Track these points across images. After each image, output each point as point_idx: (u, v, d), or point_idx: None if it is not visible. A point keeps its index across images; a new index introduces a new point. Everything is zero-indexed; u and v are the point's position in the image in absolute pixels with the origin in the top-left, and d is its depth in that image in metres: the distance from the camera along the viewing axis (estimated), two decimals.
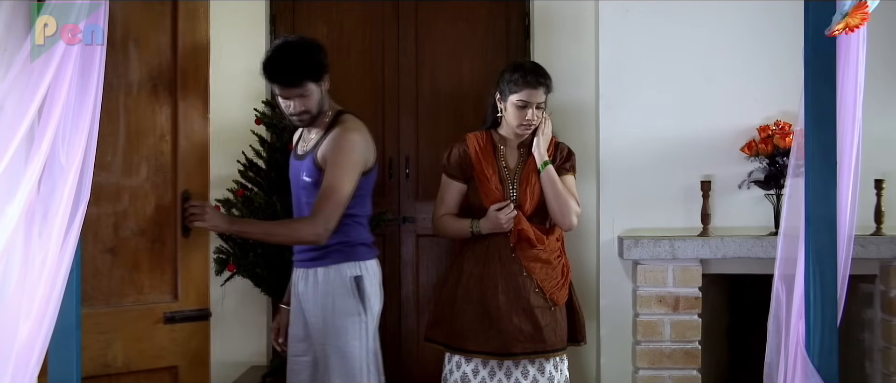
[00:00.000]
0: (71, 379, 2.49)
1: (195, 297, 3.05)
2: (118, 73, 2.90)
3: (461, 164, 3.48)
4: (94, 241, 2.87)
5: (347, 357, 3.11)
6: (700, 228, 4.04)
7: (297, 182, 3.23)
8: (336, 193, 3.04)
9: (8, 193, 2.29)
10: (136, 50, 2.94)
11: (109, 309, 2.89)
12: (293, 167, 3.29)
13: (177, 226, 2.99)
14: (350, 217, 3.15)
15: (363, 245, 3.21)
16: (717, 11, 4.13)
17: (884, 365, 3.87)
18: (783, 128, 3.95)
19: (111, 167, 2.89)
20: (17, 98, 2.28)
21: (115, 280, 2.91)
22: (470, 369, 3.43)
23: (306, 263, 3.20)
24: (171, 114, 3.00)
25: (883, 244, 3.82)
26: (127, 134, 2.92)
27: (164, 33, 3.00)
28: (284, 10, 4.49)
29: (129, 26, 2.92)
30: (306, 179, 3.16)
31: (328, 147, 3.11)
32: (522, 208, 3.41)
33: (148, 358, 2.95)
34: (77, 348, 2.52)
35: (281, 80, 3.10)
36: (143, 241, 2.96)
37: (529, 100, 3.37)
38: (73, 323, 2.49)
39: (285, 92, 3.11)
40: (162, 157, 2.98)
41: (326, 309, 3.13)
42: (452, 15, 4.46)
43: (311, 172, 3.14)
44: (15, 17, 2.41)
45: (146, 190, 2.95)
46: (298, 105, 3.12)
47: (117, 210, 2.91)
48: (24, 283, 2.32)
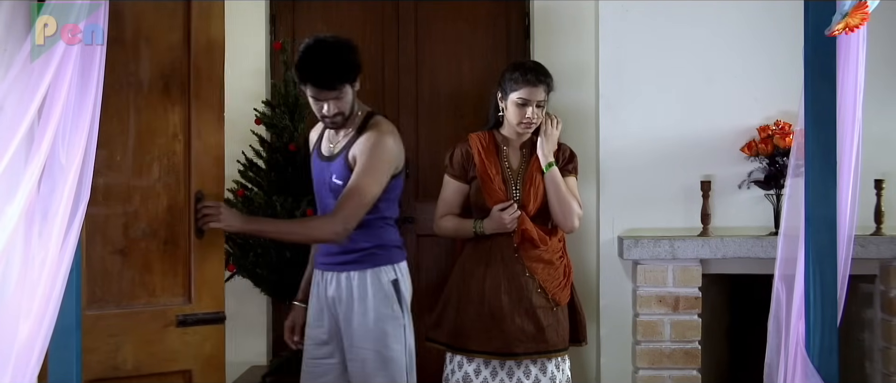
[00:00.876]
0: (71, 380, 2.49)
1: (209, 300, 2.97)
2: (128, 71, 2.84)
3: (463, 165, 3.48)
4: (104, 242, 2.82)
5: (391, 361, 3.06)
6: (700, 228, 4.04)
7: (324, 183, 3.15)
8: (361, 195, 2.98)
9: (8, 193, 2.28)
10: (146, 47, 2.88)
11: (119, 312, 2.84)
12: (318, 168, 3.21)
13: (190, 227, 2.92)
14: (383, 220, 3.11)
15: (397, 247, 3.17)
16: (717, 11, 4.13)
17: (884, 365, 3.87)
18: (783, 128, 3.95)
19: (120, 167, 2.84)
20: (17, 98, 2.28)
21: (125, 281, 2.86)
22: (472, 369, 3.43)
23: (338, 266, 3.12)
24: (184, 113, 2.93)
25: (883, 244, 3.82)
26: (137, 133, 2.87)
27: (176, 30, 2.92)
28: (284, 9, 4.49)
29: (140, 23, 2.86)
30: (336, 181, 3.08)
31: (360, 148, 3.04)
32: (526, 208, 3.42)
33: (159, 362, 2.89)
34: (77, 348, 2.52)
35: (318, 82, 3.00)
36: (154, 243, 2.90)
37: (529, 98, 3.37)
38: (73, 323, 2.48)
39: (321, 94, 3.01)
40: (174, 157, 2.92)
41: (365, 313, 3.07)
42: (452, 15, 4.46)
43: (342, 174, 3.07)
44: (15, 17, 2.41)
45: (158, 190, 2.90)
46: (333, 107, 3.03)
47: (127, 210, 2.86)
48: (24, 283, 2.32)
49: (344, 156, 3.09)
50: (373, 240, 3.08)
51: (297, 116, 4.07)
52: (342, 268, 3.11)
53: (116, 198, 2.84)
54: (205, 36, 2.95)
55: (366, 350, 3.07)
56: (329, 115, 3.05)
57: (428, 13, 4.47)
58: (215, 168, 2.99)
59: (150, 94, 2.88)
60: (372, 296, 3.07)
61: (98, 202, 2.77)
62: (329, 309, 3.15)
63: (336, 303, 3.12)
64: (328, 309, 3.15)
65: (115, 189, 2.83)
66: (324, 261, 3.18)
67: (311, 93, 3.03)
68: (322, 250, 3.18)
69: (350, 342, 3.10)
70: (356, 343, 3.09)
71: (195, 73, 2.94)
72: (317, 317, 3.19)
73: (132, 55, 2.86)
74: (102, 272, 2.82)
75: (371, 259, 3.09)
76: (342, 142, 3.12)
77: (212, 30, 2.98)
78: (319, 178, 3.19)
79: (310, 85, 3.01)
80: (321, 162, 3.19)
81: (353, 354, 3.10)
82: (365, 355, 3.07)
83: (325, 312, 3.16)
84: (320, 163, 3.19)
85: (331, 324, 3.15)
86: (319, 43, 3.01)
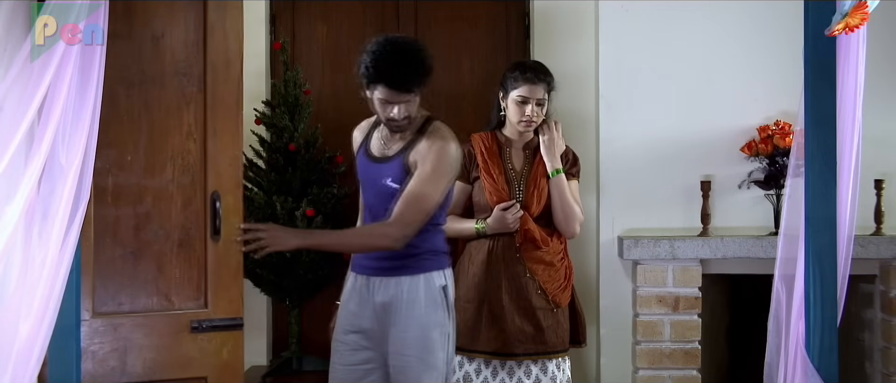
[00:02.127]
0: (70, 380, 2.49)
1: (226, 305, 2.85)
2: (140, 68, 2.76)
3: (465, 165, 3.48)
4: (113, 244, 2.75)
5: (433, 369, 2.95)
6: (700, 228, 4.04)
7: (378, 186, 3.00)
8: (423, 202, 2.89)
9: (8, 193, 2.29)
10: (159, 42, 2.78)
11: (129, 316, 2.76)
12: (369, 169, 3.04)
13: (206, 229, 2.81)
14: (435, 225, 3.02)
15: (445, 253, 3.07)
16: (717, 11, 4.13)
17: (884, 365, 3.87)
18: (783, 129, 3.95)
19: (131, 167, 2.76)
20: (17, 98, 2.28)
21: (136, 285, 2.77)
22: (472, 369, 3.43)
23: (390, 272, 2.98)
24: (199, 111, 2.82)
25: (883, 244, 3.82)
26: (149, 132, 2.78)
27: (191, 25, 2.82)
28: (284, 10, 4.49)
29: (152, 16, 2.78)
30: (392, 184, 2.95)
31: (422, 153, 2.93)
32: (528, 210, 3.42)
33: (171, 368, 2.79)
34: (77, 349, 2.51)
35: (395, 84, 2.84)
36: (167, 245, 2.80)
37: (529, 96, 3.38)
38: (72, 324, 2.48)
39: (396, 97, 2.86)
40: (189, 156, 2.82)
41: (415, 319, 2.95)
42: (452, 15, 4.46)
43: (399, 176, 2.94)
44: (15, 17, 2.41)
45: (171, 191, 2.80)
46: (403, 110, 2.88)
47: (139, 212, 2.77)
48: (24, 283, 2.32)
49: (401, 159, 2.96)
50: (425, 246, 2.98)
51: (297, 117, 4.08)
52: (394, 274, 2.98)
53: (127, 198, 2.77)
54: (222, 29, 2.84)
55: (410, 357, 2.94)
56: (398, 118, 2.89)
57: (428, 14, 4.47)
58: (232, 168, 2.87)
59: (162, 90, 2.79)
60: (423, 302, 2.96)
61: (107, 203, 2.74)
62: (376, 315, 2.99)
63: (385, 309, 2.98)
64: (374, 315, 2.99)
65: (126, 189, 2.76)
66: (372, 266, 3.02)
67: (383, 95, 2.86)
68: (369, 255, 3.02)
69: (396, 348, 2.97)
70: (402, 350, 2.95)
71: (211, 68, 2.83)
72: (354, 323, 3.03)
73: (144, 50, 2.77)
74: (112, 274, 2.75)
75: (424, 264, 2.99)
76: (398, 144, 2.99)
77: (229, 23, 2.86)
78: (370, 179, 3.05)
79: (383, 86, 2.84)
80: (372, 163, 3.04)
81: (397, 361, 2.97)
82: (409, 362, 2.95)
83: (371, 318, 3.00)
84: (371, 164, 3.04)
85: (375, 330, 3.00)
86: (396, 44, 2.87)
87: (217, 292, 2.85)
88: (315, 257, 3.97)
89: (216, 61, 2.84)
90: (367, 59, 2.86)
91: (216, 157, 2.84)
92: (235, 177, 2.88)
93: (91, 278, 2.70)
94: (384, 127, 3.00)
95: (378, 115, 2.97)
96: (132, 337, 2.76)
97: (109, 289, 2.75)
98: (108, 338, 2.71)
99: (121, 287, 2.77)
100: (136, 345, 2.76)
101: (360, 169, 3.09)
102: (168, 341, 2.80)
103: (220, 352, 2.85)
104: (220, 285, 2.85)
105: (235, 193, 2.87)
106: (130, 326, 2.76)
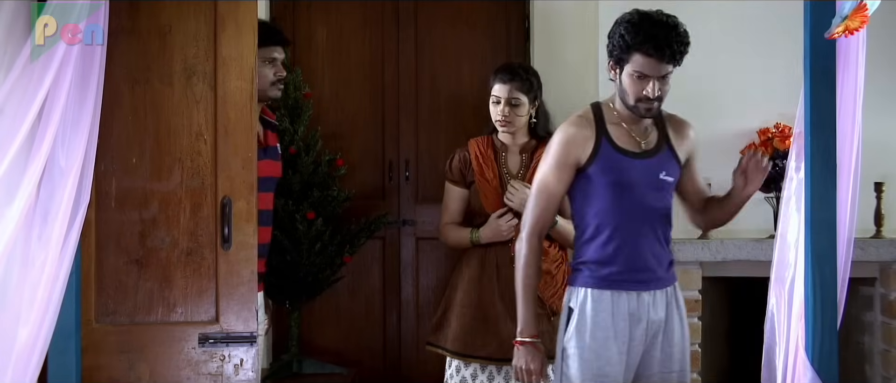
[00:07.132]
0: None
1: (237, 318, 2.71)
2: (146, 65, 2.67)
3: (462, 170, 3.48)
4: (117, 251, 2.66)
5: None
6: (699, 231, 4.03)
7: (653, 182, 2.76)
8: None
9: (8, 196, 2.28)
10: (167, 37, 2.68)
11: (133, 326, 2.67)
12: (635, 167, 2.74)
13: (217, 237, 2.68)
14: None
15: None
16: (717, 12, 4.12)
17: (884, 368, 3.87)
18: (783, 131, 3.95)
19: (137, 169, 2.66)
20: (18, 100, 2.28)
21: (141, 294, 2.68)
22: (469, 373, 3.43)
23: (665, 282, 2.79)
24: (210, 110, 2.70)
25: (882, 247, 3.81)
26: (156, 132, 2.68)
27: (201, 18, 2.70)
28: (284, 10, 4.48)
29: (158, 11, 2.68)
30: (667, 178, 2.78)
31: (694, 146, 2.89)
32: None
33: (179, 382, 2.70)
34: (77, 351, 2.50)
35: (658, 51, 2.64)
36: (175, 253, 2.69)
37: (499, 95, 3.38)
38: (72, 327, 2.47)
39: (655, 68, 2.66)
40: (198, 158, 2.69)
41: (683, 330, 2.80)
42: (452, 17, 4.45)
43: (673, 170, 2.80)
44: (15, 17, 2.41)
45: (179, 195, 2.69)
46: (657, 88, 2.69)
47: (144, 217, 2.67)
48: (24, 286, 2.31)
49: (669, 150, 2.80)
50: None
51: (298, 119, 4.07)
52: (669, 283, 2.79)
53: (132, 203, 2.68)
54: (234, 22, 2.71)
55: (673, 373, 2.75)
56: (654, 96, 2.68)
57: (428, 15, 4.47)
58: (245, 171, 2.71)
59: (170, 89, 2.69)
60: (685, 309, 2.82)
61: (111, 208, 2.66)
62: (647, 335, 2.73)
63: (660, 327, 2.74)
64: (646, 335, 2.73)
65: (131, 193, 2.67)
66: (647, 279, 2.74)
67: (640, 66, 2.65)
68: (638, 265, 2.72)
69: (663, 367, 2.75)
70: (671, 367, 2.76)
71: (223, 65, 2.70)
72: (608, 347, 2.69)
73: (150, 46, 2.68)
74: (115, 283, 2.67)
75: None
76: (653, 135, 2.80)
77: (241, 14, 2.72)
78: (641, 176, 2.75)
79: (642, 55, 2.64)
80: (635, 160, 2.75)
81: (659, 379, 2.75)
82: (672, 378, 2.75)
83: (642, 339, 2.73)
84: (635, 161, 2.75)
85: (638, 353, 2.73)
86: (653, 13, 2.68)
87: (228, 303, 2.72)
88: (315, 260, 3.97)
89: (228, 56, 2.70)
90: (624, 28, 2.67)
91: (228, 159, 2.71)
92: (248, 181, 2.72)
93: (93, 287, 2.64)
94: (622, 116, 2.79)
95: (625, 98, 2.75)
96: (136, 349, 2.68)
97: (112, 298, 2.68)
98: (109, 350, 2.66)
99: (124, 296, 2.69)
100: (140, 358, 2.68)
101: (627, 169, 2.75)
102: (174, 354, 2.71)
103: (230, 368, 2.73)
104: (232, 296, 2.72)
105: (249, 198, 2.72)
106: (134, 337, 2.69)
